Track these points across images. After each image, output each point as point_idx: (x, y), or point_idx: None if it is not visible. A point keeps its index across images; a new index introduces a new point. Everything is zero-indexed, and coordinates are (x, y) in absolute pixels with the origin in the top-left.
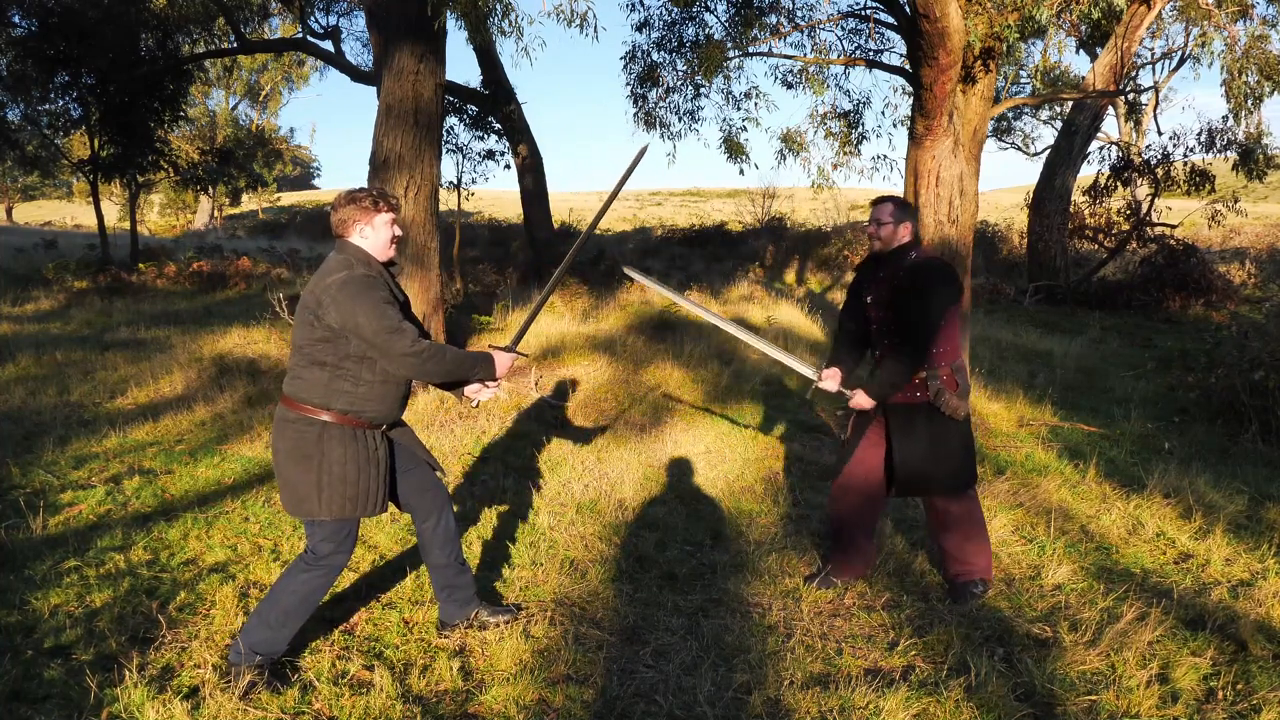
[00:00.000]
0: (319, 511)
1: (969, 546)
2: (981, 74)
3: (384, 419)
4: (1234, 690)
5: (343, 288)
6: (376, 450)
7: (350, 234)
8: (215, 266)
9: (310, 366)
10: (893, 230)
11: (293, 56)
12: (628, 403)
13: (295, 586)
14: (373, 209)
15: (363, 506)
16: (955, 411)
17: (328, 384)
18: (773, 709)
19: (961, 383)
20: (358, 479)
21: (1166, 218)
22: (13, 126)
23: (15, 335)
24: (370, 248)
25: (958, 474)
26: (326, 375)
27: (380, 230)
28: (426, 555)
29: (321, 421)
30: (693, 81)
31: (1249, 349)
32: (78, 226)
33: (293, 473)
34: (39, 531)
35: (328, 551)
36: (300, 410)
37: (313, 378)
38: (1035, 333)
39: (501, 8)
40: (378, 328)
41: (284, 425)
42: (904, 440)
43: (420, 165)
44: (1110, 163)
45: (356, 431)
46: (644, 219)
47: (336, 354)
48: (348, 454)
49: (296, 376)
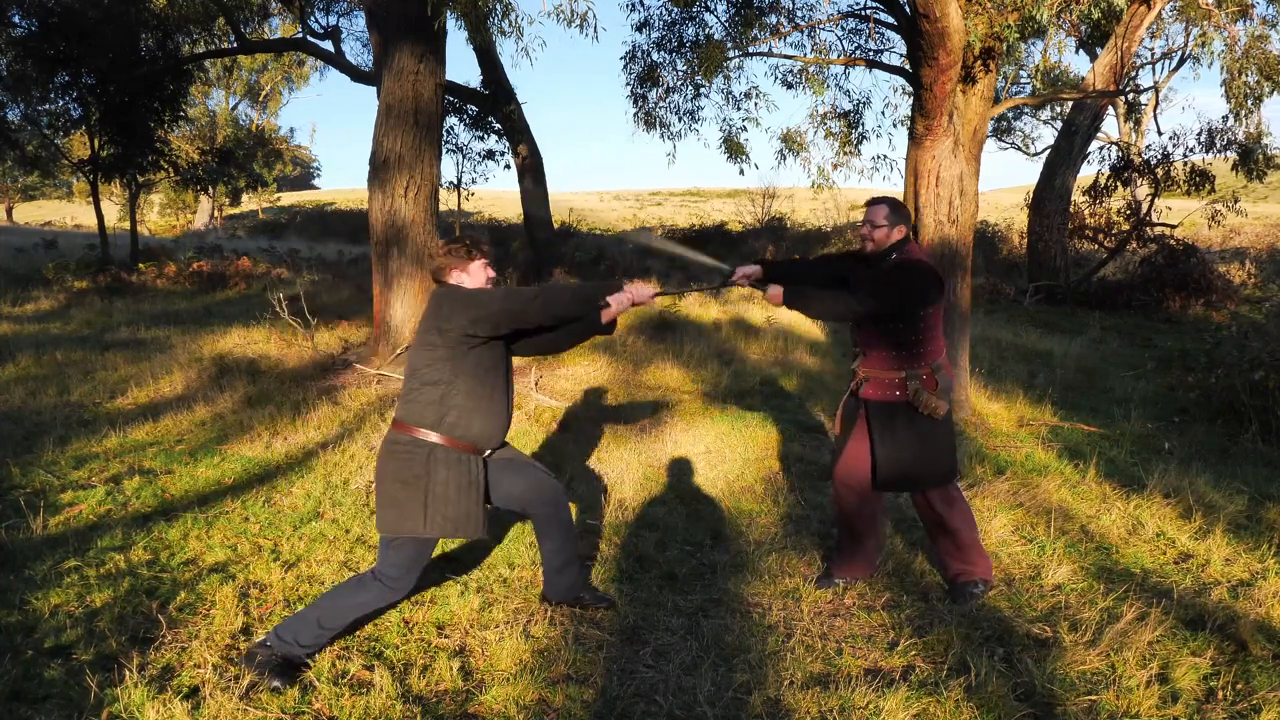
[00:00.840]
0: (422, 529)
1: (964, 545)
2: (981, 74)
3: (487, 441)
4: (1234, 690)
5: (455, 293)
6: (477, 475)
7: (449, 279)
8: (215, 266)
9: (423, 387)
10: (886, 233)
11: (293, 56)
12: (628, 403)
13: (358, 598)
14: (467, 258)
15: (464, 527)
16: (934, 410)
17: (441, 401)
18: (773, 709)
19: (941, 382)
20: (459, 500)
21: (1166, 218)
22: (13, 126)
23: (15, 335)
24: None
25: (937, 469)
26: (440, 393)
27: (476, 275)
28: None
29: (430, 444)
30: (693, 81)
31: (1249, 349)
32: (78, 226)
33: (399, 493)
34: (39, 531)
35: (397, 575)
36: (411, 433)
37: (424, 398)
38: (1035, 333)
39: (501, 8)
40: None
41: (393, 448)
42: (883, 436)
43: (420, 165)
44: (1110, 163)
45: (461, 455)
46: (644, 219)
47: (454, 370)
48: (451, 476)
49: (410, 401)
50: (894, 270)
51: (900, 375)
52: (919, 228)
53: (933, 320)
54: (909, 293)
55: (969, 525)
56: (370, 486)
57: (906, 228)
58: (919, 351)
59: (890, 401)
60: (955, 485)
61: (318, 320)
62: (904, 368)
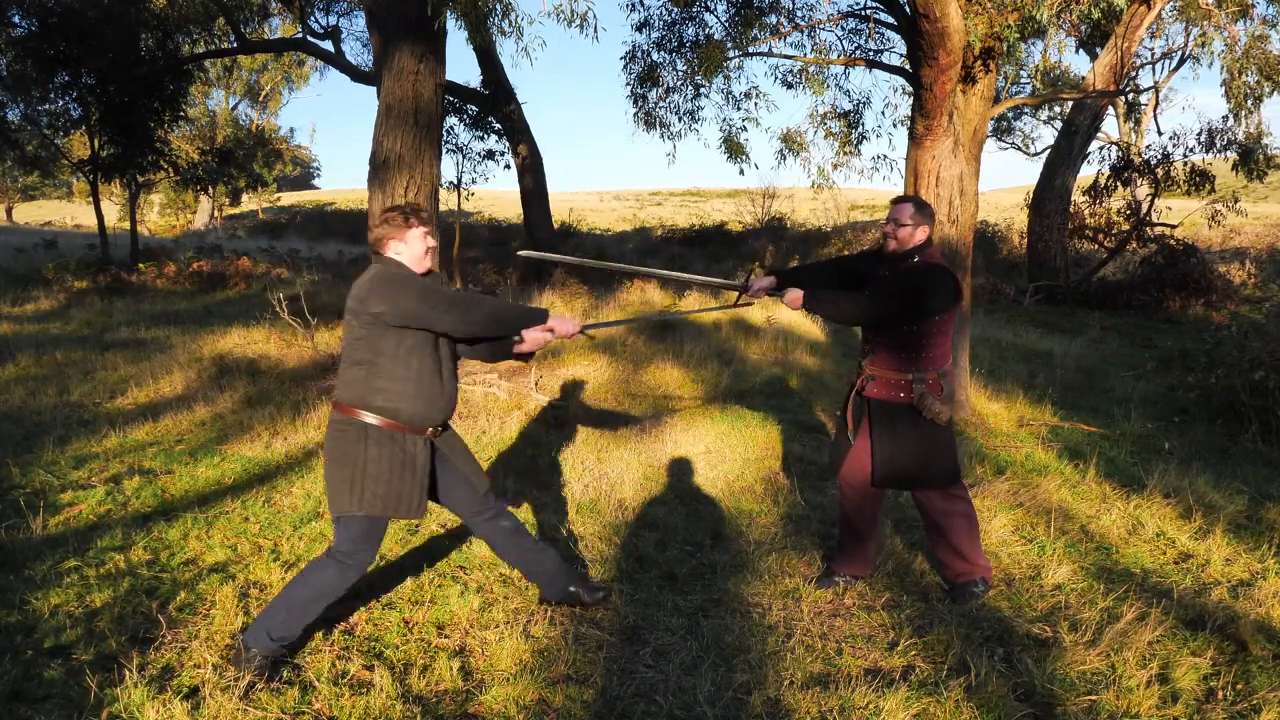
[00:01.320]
0: (352, 506)
1: (964, 546)
2: (981, 74)
3: (422, 420)
4: (1234, 690)
5: (379, 279)
6: (415, 456)
7: (386, 250)
8: (215, 266)
9: (351, 367)
10: (911, 232)
11: (293, 56)
12: (628, 403)
13: (315, 580)
14: (405, 225)
15: (394, 507)
16: (937, 416)
17: (366, 381)
18: (773, 709)
19: (946, 388)
20: (390, 479)
21: (1166, 218)
22: (13, 126)
23: (15, 335)
24: (407, 261)
25: (937, 471)
26: (364, 373)
27: (414, 244)
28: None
29: (362, 422)
30: (693, 81)
31: (1249, 349)
32: (78, 226)
33: (334, 471)
34: (39, 531)
35: (350, 550)
36: (344, 412)
37: (353, 377)
38: (1035, 333)
39: (501, 8)
40: (417, 299)
41: (330, 427)
42: (883, 436)
43: (420, 165)
44: (1110, 163)
45: (395, 434)
46: (644, 219)
47: (372, 350)
48: (383, 454)
49: (342, 379)
50: (912, 273)
51: (907, 378)
52: None
53: (945, 326)
54: (924, 296)
55: (971, 526)
56: None
57: (930, 228)
58: (928, 355)
59: (894, 402)
60: (960, 486)
61: (318, 320)
62: (911, 370)
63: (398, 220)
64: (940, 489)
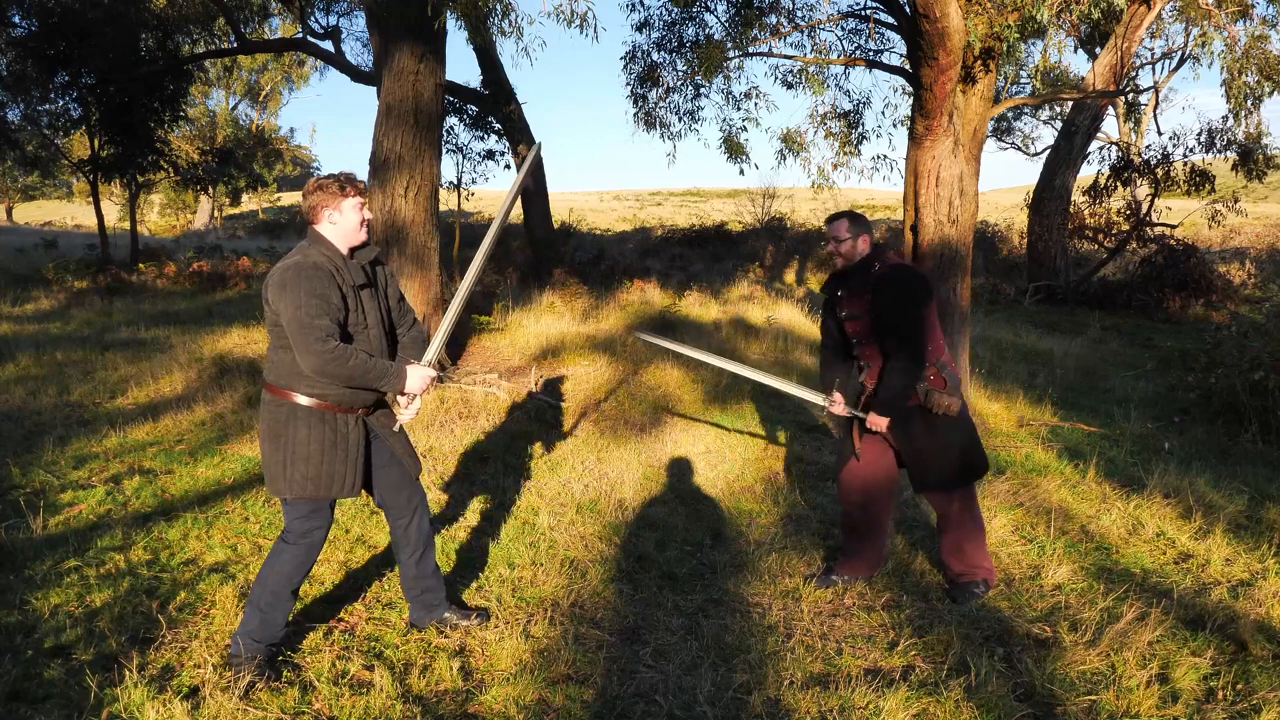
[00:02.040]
0: (284, 490)
1: (969, 546)
2: (981, 74)
3: (353, 402)
4: (1234, 690)
5: (283, 273)
6: (347, 434)
7: (320, 220)
8: (215, 266)
9: (277, 349)
10: (852, 245)
11: (293, 56)
12: (628, 403)
13: (278, 566)
14: (339, 194)
15: (327, 488)
16: (948, 408)
17: (292, 365)
18: (773, 709)
19: (949, 379)
20: (321, 460)
21: (1166, 218)
22: (13, 126)
23: (15, 335)
24: (339, 233)
25: (963, 466)
26: (289, 358)
27: (348, 214)
28: (398, 554)
29: (291, 403)
30: (693, 81)
31: (1249, 349)
32: (78, 226)
33: (266, 452)
34: (39, 531)
35: (303, 530)
36: (273, 393)
37: (280, 360)
38: (1035, 333)
39: (501, 8)
40: (293, 315)
41: (262, 408)
42: (907, 442)
43: (420, 165)
44: (1110, 163)
45: (325, 414)
46: (644, 219)
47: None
48: (312, 435)
49: (269, 360)
50: (882, 283)
51: None
52: (919, 228)
53: (930, 320)
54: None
55: (978, 526)
56: None
57: (870, 236)
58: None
59: (905, 408)
60: (972, 489)
61: None
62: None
63: (333, 188)
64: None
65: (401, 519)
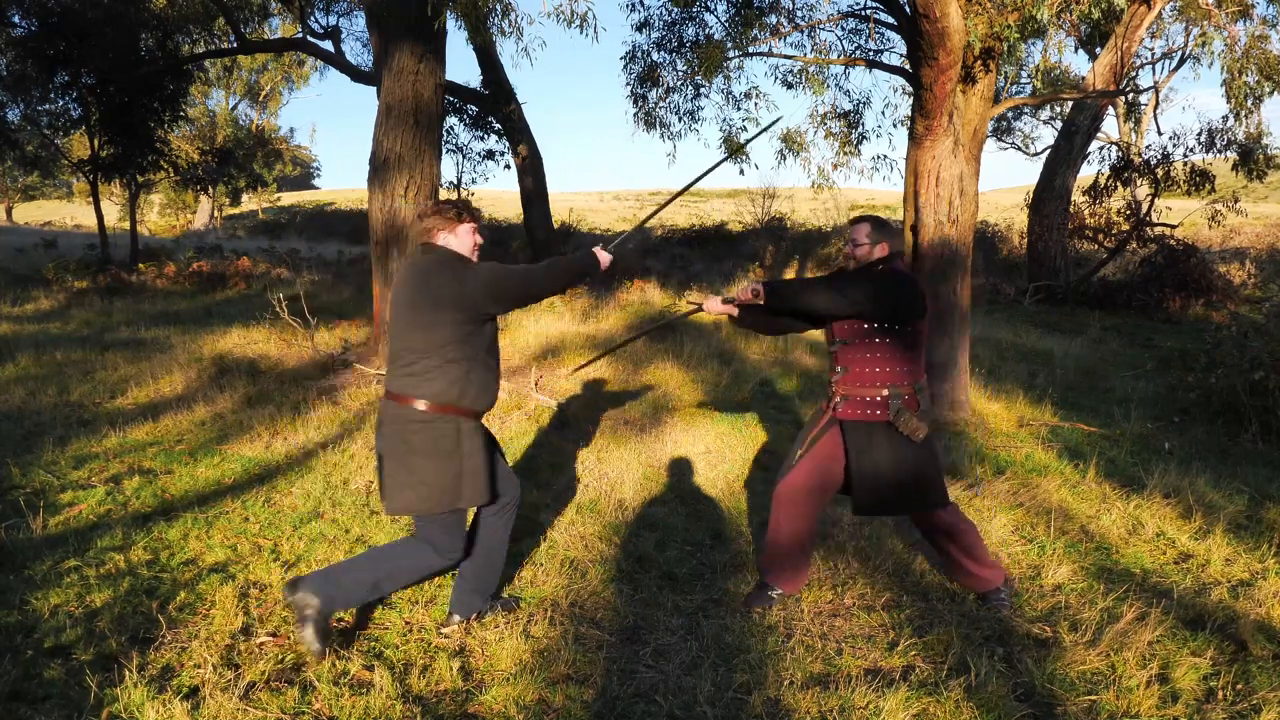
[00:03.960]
0: (463, 503)
1: (978, 553)
2: (981, 74)
3: (488, 406)
4: (1234, 690)
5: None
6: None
7: (435, 240)
8: (215, 266)
9: (446, 365)
10: (869, 250)
11: (293, 56)
12: (628, 403)
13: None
14: (456, 220)
15: (492, 490)
16: (914, 432)
17: (463, 380)
18: (773, 709)
19: (923, 404)
20: (486, 467)
21: (1166, 218)
22: (13, 126)
23: (15, 335)
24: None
25: (922, 495)
26: (461, 372)
27: (464, 239)
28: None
29: (458, 420)
30: (693, 81)
31: (1249, 349)
32: (78, 226)
33: (429, 471)
34: (39, 531)
35: (451, 545)
36: (439, 410)
37: (449, 376)
38: (1035, 333)
39: (501, 8)
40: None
41: (413, 425)
42: (860, 459)
43: (420, 165)
44: (1110, 163)
45: (479, 425)
46: (644, 218)
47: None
48: (477, 446)
49: (430, 379)
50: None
51: (882, 394)
52: (919, 228)
53: (917, 338)
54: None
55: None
56: (371, 486)
57: (890, 246)
58: (903, 369)
59: (869, 421)
60: (955, 508)
61: (318, 320)
62: (886, 385)
63: (450, 214)
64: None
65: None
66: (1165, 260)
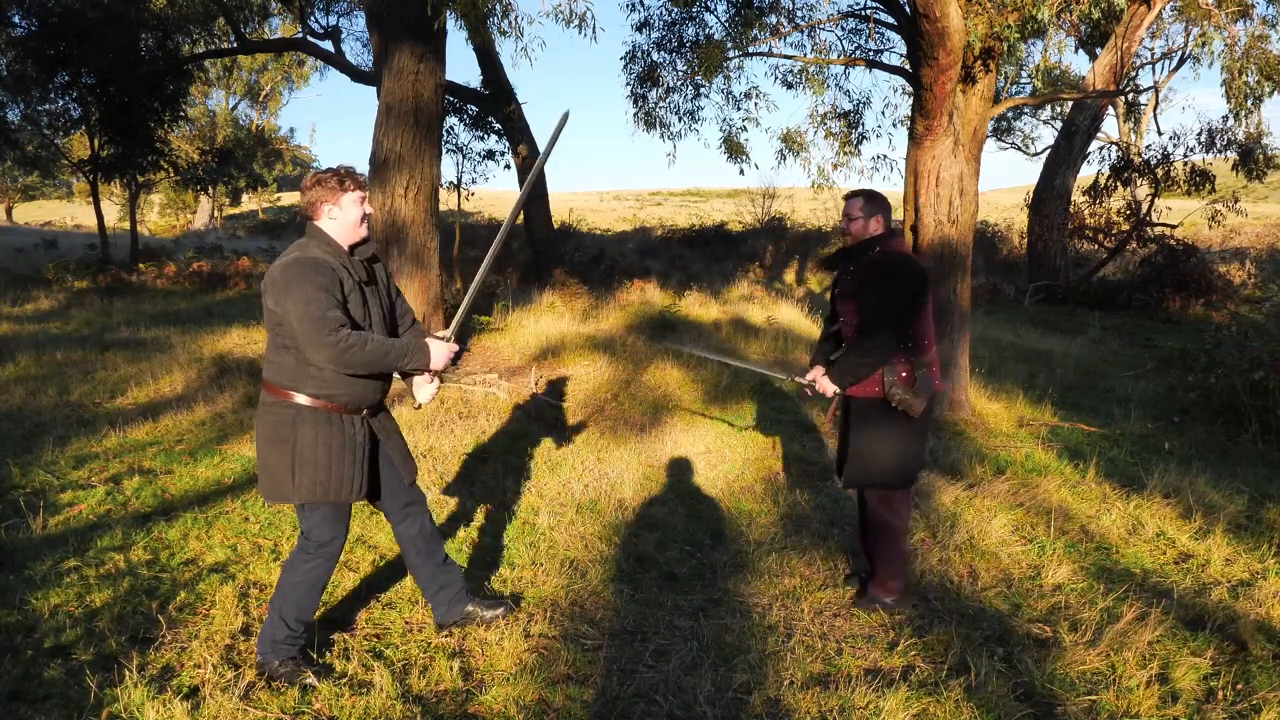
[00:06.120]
0: (292, 495)
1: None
2: (981, 74)
3: (359, 402)
4: (1234, 690)
5: (285, 270)
6: (354, 436)
7: (319, 216)
8: (215, 266)
9: (278, 350)
10: (863, 224)
11: (293, 56)
12: (628, 403)
13: (299, 578)
14: (339, 188)
15: (337, 491)
16: (909, 407)
17: (295, 367)
18: (773, 709)
19: (921, 380)
20: (329, 463)
21: (1166, 218)
22: (13, 126)
23: (15, 335)
24: (339, 229)
25: (901, 470)
26: (293, 358)
27: (348, 209)
28: (406, 557)
29: (296, 405)
30: (693, 81)
31: (1249, 349)
32: (78, 226)
33: (269, 456)
34: (39, 531)
35: (324, 539)
36: (276, 394)
37: (282, 361)
38: (1035, 333)
39: (501, 8)
40: (303, 312)
41: (262, 410)
42: (858, 432)
43: (420, 165)
44: (1110, 163)
45: (331, 415)
46: (644, 219)
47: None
48: (319, 438)
49: (270, 361)
50: (875, 266)
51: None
52: (919, 228)
53: (919, 314)
54: (895, 285)
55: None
56: None
57: (884, 218)
58: (901, 348)
59: (869, 397)
60: (907, 492)
61: None
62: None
63: (332, 182)
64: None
65: (403, 522)
66: (1165, 260)
